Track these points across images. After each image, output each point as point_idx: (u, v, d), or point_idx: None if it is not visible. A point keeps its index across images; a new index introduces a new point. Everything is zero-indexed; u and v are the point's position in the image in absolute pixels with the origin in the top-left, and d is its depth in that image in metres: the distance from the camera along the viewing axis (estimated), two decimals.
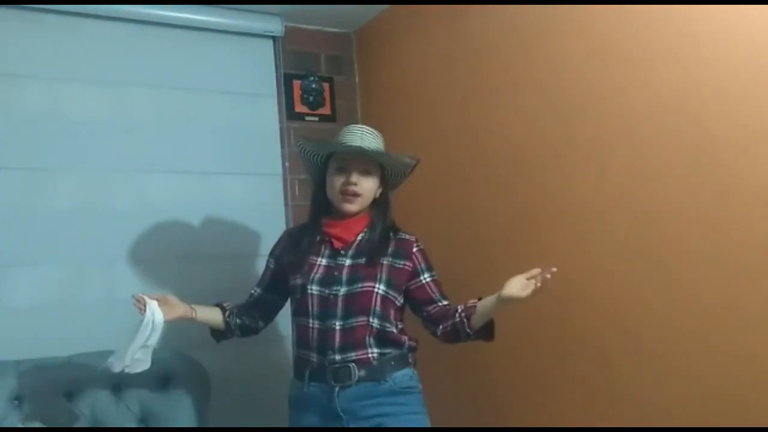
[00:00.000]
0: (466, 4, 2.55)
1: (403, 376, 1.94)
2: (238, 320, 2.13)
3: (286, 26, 3.00)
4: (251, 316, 2.16)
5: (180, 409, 2.31)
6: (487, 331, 1.93)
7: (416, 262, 2.02)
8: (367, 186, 1.98)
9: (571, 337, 2.16)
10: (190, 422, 2.30)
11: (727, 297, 1.74)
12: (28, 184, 2.49)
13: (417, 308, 2.03)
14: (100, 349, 2.40)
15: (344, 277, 1.94)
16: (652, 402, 1.93)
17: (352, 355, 1.89)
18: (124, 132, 2.66)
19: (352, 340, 1.90)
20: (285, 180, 2.98)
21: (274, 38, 3.03)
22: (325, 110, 3.11)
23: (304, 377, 1.96)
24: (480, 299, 1.92)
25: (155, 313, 1.96)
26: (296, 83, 3.07)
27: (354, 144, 1.95)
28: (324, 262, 1.98)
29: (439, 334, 1.98)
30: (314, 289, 1.94)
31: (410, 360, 1.99)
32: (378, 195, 2.03)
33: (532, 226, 2.31)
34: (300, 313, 1.99)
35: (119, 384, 2.30)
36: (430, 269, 2.04)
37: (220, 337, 2.17)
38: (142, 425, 2.27)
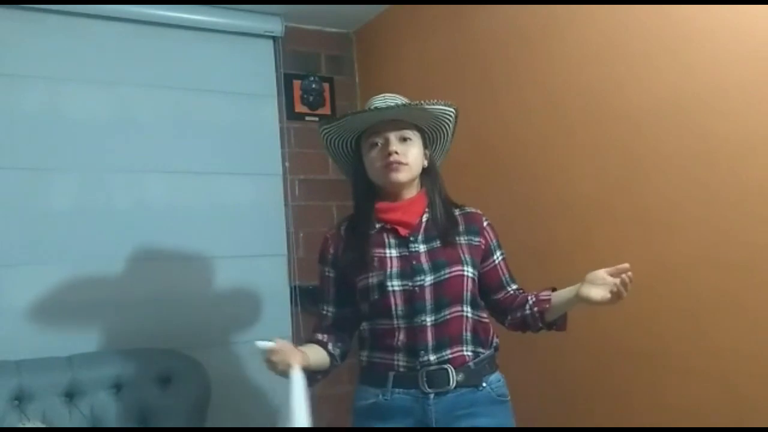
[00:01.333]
0: (466, 4, 2.55)
1: (498, 381, 1.74)
2: (338, 349, 1.81)
3: (286, 26, 3.00)
4: (342, 339, 1.82)
5: (180, 409, 2.31)
6: (560, 323, 1.75)
7: (488, 238, 1.80)
8: (411, 153, 1.74)
9: (573, 336, 2.16)
10: (190, 422, 2.30)
11: (728, 295, 1.74)
12: (28, 184, 2.49)
13: (486, 293, 1.80)
14: (100, 349, 2.41)
15: (425, 264, 1.70)
16: (655, 400, 1.93)
17: (447, 353, 1.66)
18: (123, 132, 2.66)
19: (447, 336, 1.67)
20: (285, 180, 2.97)
21: (274, 38, 3.02)
22: (326, 110, 3.11)
23: (385, 383, 1.69)
24: (554, 290, 1.74)
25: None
26: (296, 83, 3.07)
27: (379, 105, 1.72)
28: (395, 253, 1.72)
29: (507, 324, 1.80)
30: (395, 284, 1.68)
31: (497, 362, 1.78)
32: (426, 164, 1.80)
33: (533, 225, 2.31)
34: (379, 315, 1.71)
35: (119, 384, 2.30)
36: (501, 246, 1.83)
37: (321, 376, 1.81)
38: (142, 425, 2.27)
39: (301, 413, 1.57)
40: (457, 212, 1.81)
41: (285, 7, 2.90)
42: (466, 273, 1.71)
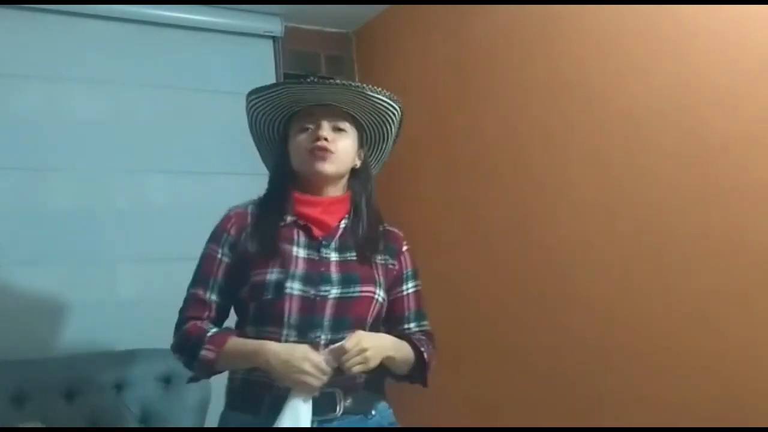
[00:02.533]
0: (466, 4, 2.55)
1: (385, 409, 1.57)
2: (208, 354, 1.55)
3: (285, 26, 2.99)
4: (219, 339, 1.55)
5: (180, 409, 2.31)
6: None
7: (404, 265, 1.62)
8: (342, 144, 1.54)
9: (571, 335, 2.16)
10: (190, 422, 2.30)
11: (728, 295, 1.74)
12: (28, 184, 2.49)
13: (385, 322, 1.60)
14: (100, 349, 2.41)
15: (334, 275, 1.49)
16: (652, 401, 1.93)
17: (338, 378, 1.42)
18: (123, 132, 2.66)
19: None
20: None
21: (274, 38, 3.02)
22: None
23: (258, 408, 1.44)
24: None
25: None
26: None
27: (315, 86, 1.54)
28: (302, 253, 1.50)
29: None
30: (295, 287, 1.46)
31: (384, 388, 1.60)
32: (358, 164, 1.61)
33: (533, 226, 2.31)
34: (267, 319, 1.48)
35: (119, 384, 2.31)
36: (415, 276, 1.64)
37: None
38: (142, 425, 2.27)
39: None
40: (380, 228, 1.62)
41: (285, 7, 2.90)
42: (376, 296, 1.52)
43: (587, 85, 2.11)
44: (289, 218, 1.55)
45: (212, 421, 2.41)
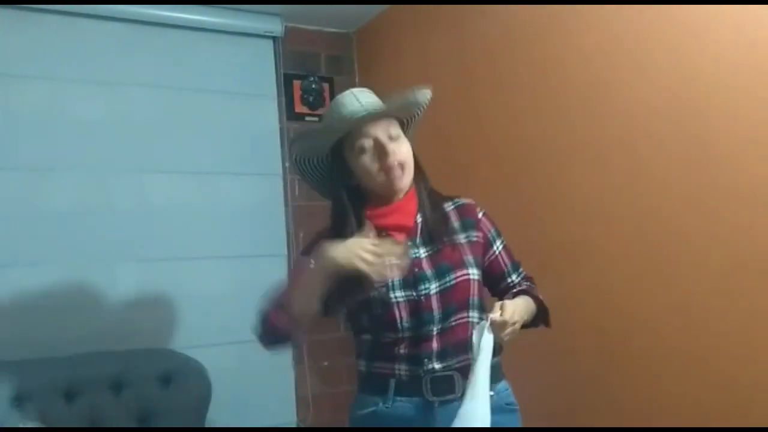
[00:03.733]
0: (466, 4, 2.55)
1: (505, 390, 1.63)
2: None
3: (286, 26, 3.00)
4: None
5: (180, 409, 2.31)
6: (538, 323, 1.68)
7: (486, 230, 1.68)
8: (405, 149, 1.59)
9: (576, 335, 2.16)
10: (190, 422, 2.31)
11: (728, 295, 1.74)
12: (28, 184, 2.49)
13: (490, 284, 1.70)
14: (100, 349, 2.41)
15: (428, 271, 1.56)
16: (659, 400, 1.93)
17: (454, 362, 1.54)
18: (124, 132, 2.66)
19: (452, 343, 1.55)
20: (285, 180, 2.98)
21: (274, 38, 3.03)
22: (325, 110, 3.11)
23: (385, 390, 1.56)
24: (520, 293, 1.65)
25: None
26: (296, 83, 3.07)
27: (359, 112, 1.54)
28: (394, 261, 1.54)
29: None
30: (398, 295, 1.54)
31: (502, 369, 1.66)
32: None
33: (535, 224, 2.31)
34: (383, 329, 1.57)
35: (119, 384, 2.31)
36: (499, 235, 1.71)
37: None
38: (142, 425, 2.27)
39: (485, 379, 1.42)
40: (449, 206, 1.67)
41: (285, 7, 2.90)
42: (471, 276, 1.59)
43: (588, 84, 2.11)
44: (372, 234, 1.57)
45: (212, 421, 2.42)
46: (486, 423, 1.40)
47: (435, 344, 1.55)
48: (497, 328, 1.44)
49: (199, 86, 2.83)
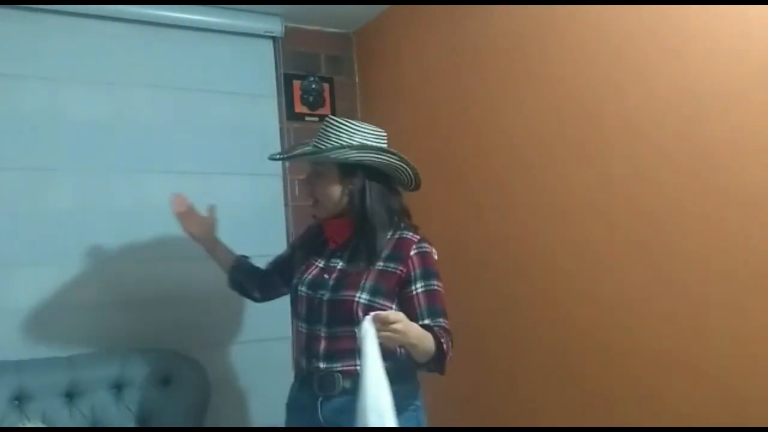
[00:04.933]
0: (466, 4, 2.55)
1: (395, 393, 1.63)
2: (238, 276, 2.17)
3: (286, 26, 3.00)
4: (252, 281, 2.18)
5: (180, 409, 2.31)
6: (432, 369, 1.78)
7: (410, 267, 1.81)
8: (318, 190, 1.88)
9: (572, 337, 2.16)
10: (190, 422, 2.31)
11: (731, 296, 1.74)
12: (28, 184, 2.49)
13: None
14: (100, 349, 2.41)
15: (330, 282, 1.84)
16: (654, 401, 1.93)
17: (338, 365, 1.79)
18: (124, 132, 2.66)
19: (338, 350, 1.79)
20: (285, 180, 2.98)
21: (274, 38, 3.03)
22: (325, 110, 3.11)
23: (296, 383, 1.94)
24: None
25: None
26: (296, 83, 3.07)
27: (296, 150, 1.94)
28: (321, 263, 1.90)
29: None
30: (303, 290, 1.88)
31: (409, 373, 1.82)
32: (349, 192, 1.84)
33: (532, 227, 2.31)
34: (294, 314, 1.94)
35: (119, 384, 2.31)
36: (426, 277, 1.81)
37: (228, 283, 2.23)
38: (142, 425, 2.28)
39: (375, 371, 1.54)
40: (391, 234, 1.84)
41: (285, 7, 2.90)
42: (356, 299, 1.78)
43: (585, 86, 2.10)
44: (322, 237, 1.95)
45: (212, 421, 2.42)
46: (384, 414, 1.52)
47: (323, 345, 1.81)
48: (377, 322, 1.56)
49: (199, 86, 2.83)
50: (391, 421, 1.52)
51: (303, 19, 3.05)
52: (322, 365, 1.80)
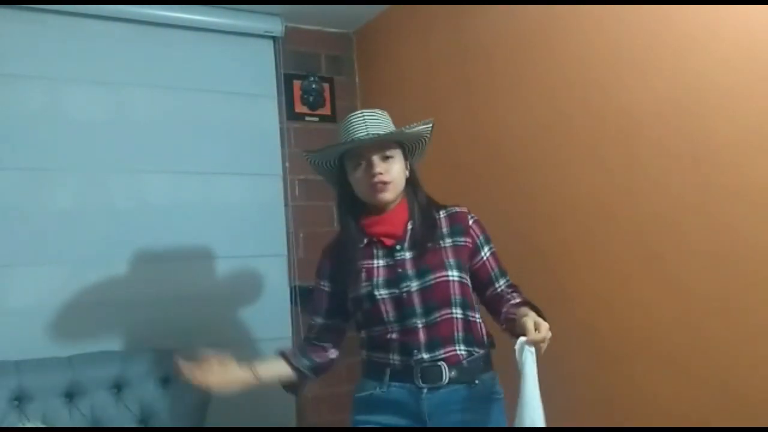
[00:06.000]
0: (466, 4, 2.55)
1: (491, 379, 1.77)
2: (306, 362, 1.85)
3: (286, 26, 3.00)
4: (318, 350, 1.87)
5: (180, 409, 2.31)
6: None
7: (474, 236, 1.82)
8: (394, 170, 1.78)
9: (573, 335, 2.16)
10: (190, 422, 2.31)
11: (730, 294, 1.74)
12: (28, 184, 2.49)
13: (479, 289, 1.84)
14: (100, 349, 2.41)
15: (410, 271, 1.75)
16: (655, 401, 1.93)
17: (441, 353, 1.72)
18: (124, 132, 2.66)
19: (439, 337, 1.72)
20: (285, 180, 2.98)
21: (274, 38, 3.03)
22: (326, 110, 3.11)
23: (382, 377, 1.76)
24: (526, 302, 1.75)
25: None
26: (296, 83, 3.07)
27: (360, 134, 1.76)
28: (382, 263, 1.78)
29: (500, 323, 1.79)
30: (383, 292, 1.74)
31: (492, 361, 1.80)
32: (407, 175, 1.83)
33: (533, 224, 2.31)
34: (372, 323, 1.77)
35: (119, 384, 2.31)
36: (489, 241, 1.85)
37: (295, 389, 1.91)
38: (142, 425, 2.27)
39: (535, 395, 1.53)
40: (442, 214, 1.84)
41: (285, 7, 2.90)
42: (450, 278, 1.74)
43: (587, 84, 2.11)
44: (365, 240, 1.81)
45: (212, 421, 2.42)
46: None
47: (422, 336, 1.72)
48: (537, 344, 1.55)
49: (199, 86, 2.83)
50: None
51: (303, 19, 3.05)
52: (425, 356, 1.71)
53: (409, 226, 1.80)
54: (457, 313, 1.74)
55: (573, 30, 2.14)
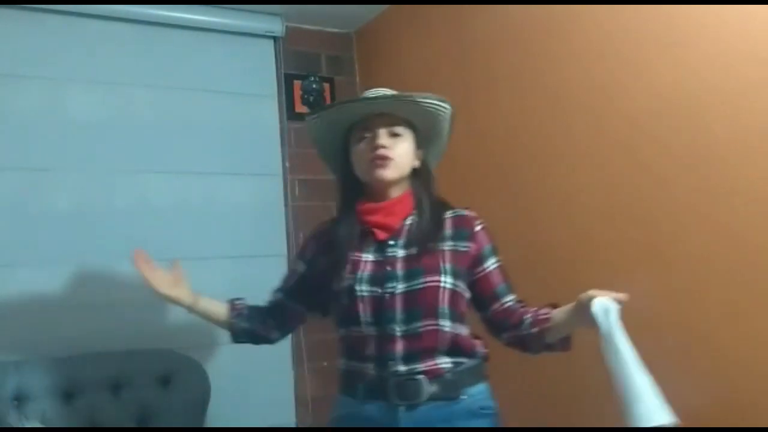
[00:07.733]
0: (466, 4, 2.54)
1: (480, 393, 1.61)
2: (245, 324, 1.82)
3: (286, 26, 3.00)
4: (264, 323, 1.84)
5: (180, 409, 2.31)
6: (564, 344, 1.62)
7: (480, 243, 1.66)
8: (400, 149, 1.64)
9: (573, 335, 2.16)
10: (190, 422, 2.31)
11: (729, 295, 1.74)
12: (28, 184, 2.48)
13: (479, 304, 1.68)
14: (100, 349, 2.41)
15: (400, 271, 1.58)
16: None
17: (420, 366, 1.54)
18: (124, 132, 2.66)
19: (419, 349, 1.55)
20: (285, 180, 2.97)
21: (274, 38, 3.03)
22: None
23: (356, 393, 1.60)
24: (554, 306, 1.60)
25: None
26: (297, 83, 3.07)
27: (369, 101, 1.65)
28: (371, 257, 1.62)
29: (503, 341, 1.66)
30: (364, 290, 1.58)
31: (485, 372, 1.65)
32: (417, 164, 1.70)
33: (534, 225, 2.31)
34: (348, 322, 1.62)
35: (119, 384, 2.31)
36: (495, 252, 1.68)
37: (234, 337, 1.89)
38: (142, 425, 2.27)
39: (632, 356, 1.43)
40: (448, 215, 1.69)
41: (285, 7, 2.90)
42: (442, 284, 1.57)
43: (588, 85, 2.10)
44: (357, 227, 1.66)
45: (212, 421, 2.42)
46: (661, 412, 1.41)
47: (399, 346, 1.55)
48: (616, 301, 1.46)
49: (199, 86, 2.83)
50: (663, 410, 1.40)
51: (303, 19, 3.05)
52: (401, 368, 1.54)
53: (408, 221, 1.66)
54: (445, 325, 1.57)
55: (573, 30, 2.14)
